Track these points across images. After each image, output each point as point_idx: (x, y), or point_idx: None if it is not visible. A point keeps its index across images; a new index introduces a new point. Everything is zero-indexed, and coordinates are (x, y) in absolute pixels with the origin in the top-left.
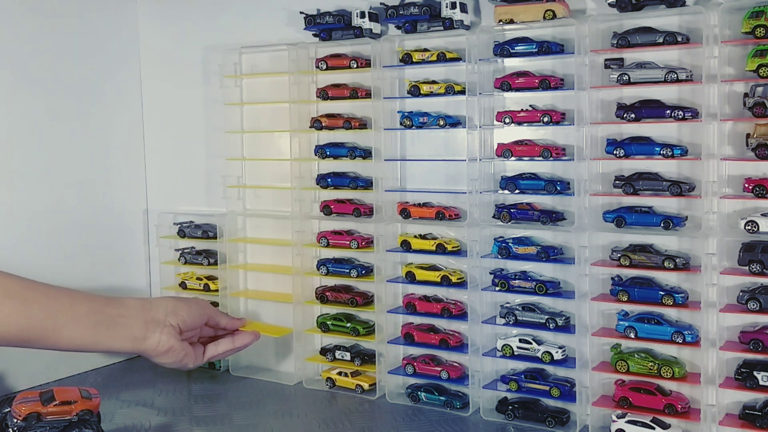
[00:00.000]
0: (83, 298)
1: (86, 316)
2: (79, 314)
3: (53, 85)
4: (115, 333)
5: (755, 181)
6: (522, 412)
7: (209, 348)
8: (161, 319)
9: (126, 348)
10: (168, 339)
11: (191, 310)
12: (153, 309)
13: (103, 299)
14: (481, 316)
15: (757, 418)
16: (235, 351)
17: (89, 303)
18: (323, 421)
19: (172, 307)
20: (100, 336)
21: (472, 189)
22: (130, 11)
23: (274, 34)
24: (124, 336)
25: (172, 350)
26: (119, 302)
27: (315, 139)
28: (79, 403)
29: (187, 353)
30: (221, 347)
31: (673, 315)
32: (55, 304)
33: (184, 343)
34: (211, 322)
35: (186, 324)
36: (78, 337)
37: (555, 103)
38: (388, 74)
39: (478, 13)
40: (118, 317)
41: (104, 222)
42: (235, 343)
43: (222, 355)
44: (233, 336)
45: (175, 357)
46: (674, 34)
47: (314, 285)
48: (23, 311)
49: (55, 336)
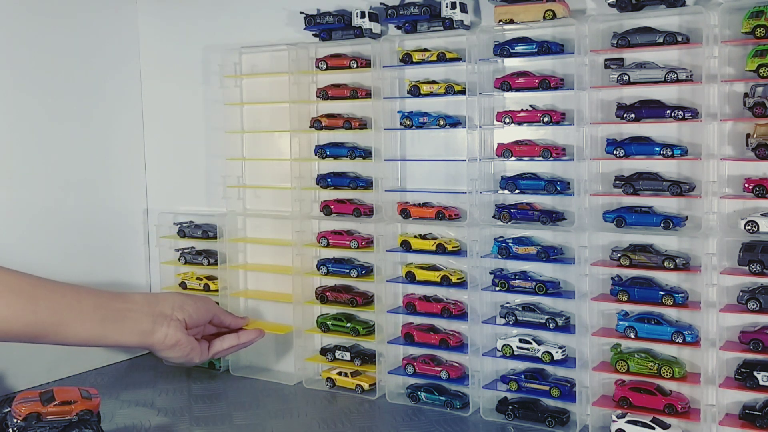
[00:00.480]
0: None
1: (93, 311)
2: (86, 309)
3: (53, 85)
4: (123, 327)
5: (755, 181)
6: (522, 412)
7: (214, 343)
8: (168, 313)
9: (133, 342)
10: (175, 333)
11: (197, 306)
12: (160, 303)
13: (109, 294)
14: (481, 316)
15: (757, 418)
16: (239, 347)
17: (95, 298)
18: (323, 421)
19: (179, 302)
20: (107, 330)
21: (472, 189)
22: (130, 11)
23: (274, 34)
24: (131, 330)
25: (179, 344)
26: (126, 297)
27: (315, 139)
28: (79, 403)
29: (194, 347)
30: (226, 343)
31: (673, 315)
32: (61, 299)
33: (190, 337)
34: (215, 320)
35: (192, 319)
36: (85, 332)
37: (555, 103)
38: (388, 74)
39: (478, 13)
40: (126, 311)
41: (104, 222)
42: (240, 339)
43: (227, 351)
44: (238, 333)
45: (182, 351)
46: (674, 34)
47: (314, 285)
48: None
49: (62, 331)
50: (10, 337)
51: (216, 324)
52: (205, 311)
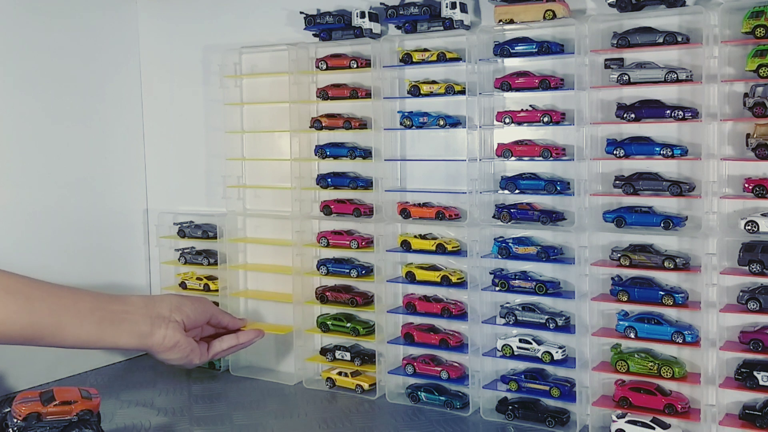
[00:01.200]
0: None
1: (90, 313)
2: (83, 311)
3: (53, 86)
4: (120, 329)
5: (755, 181)
6: (522, 412)
7: (213, 344)
8: (166, 315)
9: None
10: (174, 334)
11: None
12: (157, 305)
13: (107, 296)
14: (481, 316)
15: (757, 418)
16: (239, 348)
17: (93, 300)
18: (323, 421)
19: (177, 304)
20: (104, 332)
21: (472, 189)
22: (130, 11)
23: (274, 34)
24: (129, 332)
25: (178, 345)
26: (123, 299)
27: (315, 139)
28: (79, 403)
29: (193, 349)
30: (225, 343)
31: (673, 315)
32: (58, 301)
33: (189, 338)
34: (213, 320)
35: (190, 320)
36: (83, 334)
37: (555, 103)
38: (388, 74)
39: (478, 13)
40: (123, 313)
41: (104, 222)
42: (240, 339)
43: (226, 351)
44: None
45: (181, 353)
46: (674, 34)
47: (314, 285)
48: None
49: (59, 333)
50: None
51: (214, 325)
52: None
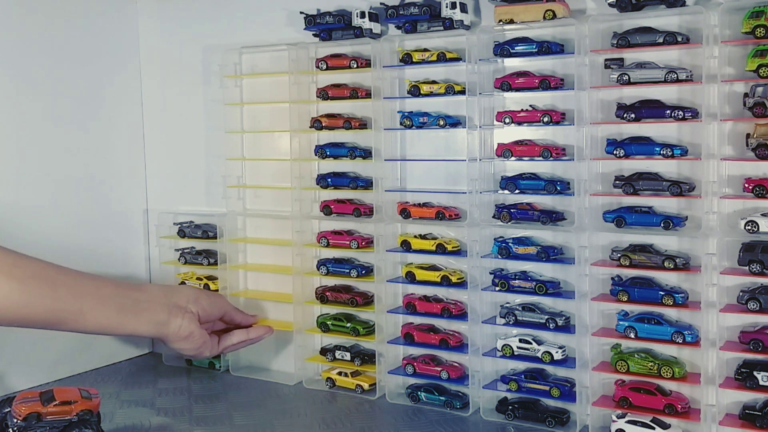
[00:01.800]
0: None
1: (112, 300)
2: (105, 297)
3: (53, 86)
4: (139, 317)
5: (755, 181)
6: (522, 412)
7: (224, 338)
8: (183, 305)
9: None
10: (189, 324)
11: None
12: (175, 295)
13: (127, 284)
14: (481, 316)
15: (757, 418)
16: (248, 343)
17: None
18: (323, 421)
19: (194, 296)
20: (124, 319)
21: (472, 189)
22: (130, 11)
23: (274, 34)
24: (147, 320)
25: (192, 336)
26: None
27: (315, 139)
28: (79, 403)
29: (206, 340)
30: (235, 338)
31: (673, 315)
32: (82, 287)
33: (203, 330)
34: (227, 316)
35: (206, 313)
36: (104, 320)
37: (555, 103)
38: (388, 74)
39: (478, 13)
40: (143, 302)
41: (104, 222)
42: (250, 335)
43: (236, 346)
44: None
45: (194, 343)
46: (674, 34)
47: (314, 285)
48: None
49: (81, 318)
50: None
51: (226, 321)
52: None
